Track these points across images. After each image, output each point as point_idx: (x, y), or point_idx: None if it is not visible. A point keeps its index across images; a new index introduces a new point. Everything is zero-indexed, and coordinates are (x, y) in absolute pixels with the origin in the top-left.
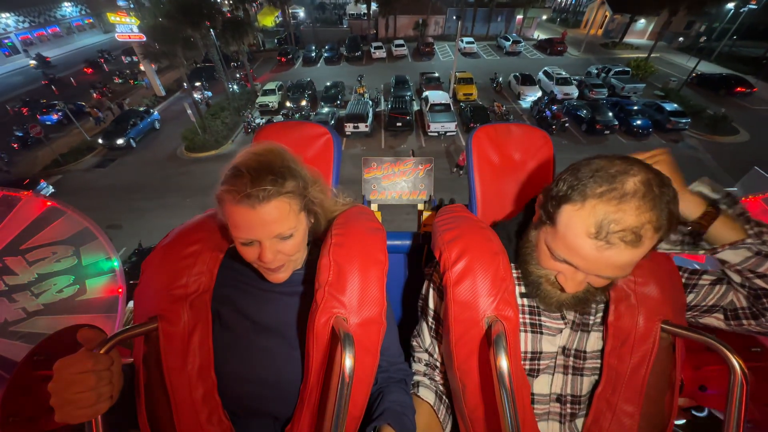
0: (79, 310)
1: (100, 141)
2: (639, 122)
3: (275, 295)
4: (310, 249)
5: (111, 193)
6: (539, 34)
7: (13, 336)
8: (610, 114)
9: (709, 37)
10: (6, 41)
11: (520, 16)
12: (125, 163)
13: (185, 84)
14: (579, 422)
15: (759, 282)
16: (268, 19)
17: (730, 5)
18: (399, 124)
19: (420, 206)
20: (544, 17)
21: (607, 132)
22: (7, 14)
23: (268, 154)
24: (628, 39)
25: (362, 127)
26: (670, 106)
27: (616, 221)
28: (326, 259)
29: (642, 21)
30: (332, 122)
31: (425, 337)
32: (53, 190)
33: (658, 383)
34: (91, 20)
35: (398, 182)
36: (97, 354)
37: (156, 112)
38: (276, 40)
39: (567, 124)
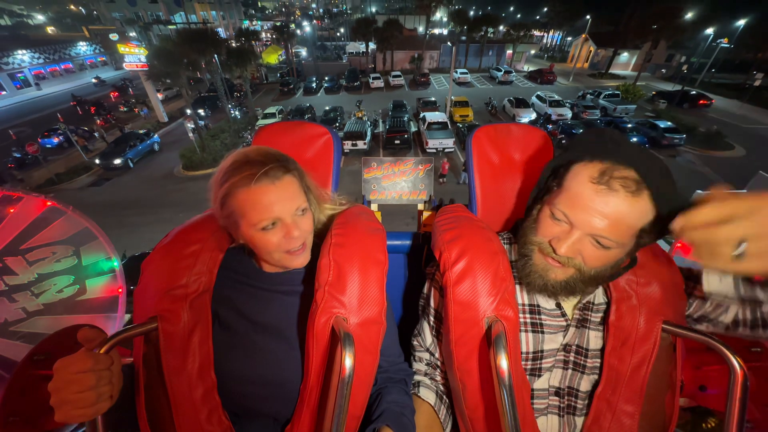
0: (79, 310)
1: (97, 161)
2: (635, 139)
3: (275, 295)
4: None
5: (103, 209)
6: (528, 67)
7: (13, 336)
8: None
9: (690, 69)
10: (18, 75)
11: (510, 51)
12: (120, 182)
13: (188, 111)
14: (579, 421)
15: None
16: (272, 57)
17: (709, 31)
18: (397, 141)
19: (420, 206)
20: (533, 52)
21: None
22: (24, 51)
23: (261, 148)
24: (614, 70)
25: (360, 145)
26: (663, 123)
27: (619, 170)
28: (326, 259)
29: (625, 54)
30: None
31: (426, 337)
32: None
33: (659, 383)
34: (104, 58)
35: (398, 182)
36: (97, 354)
37: (156, 135)
38: (278, 74)
39: (564, 142)
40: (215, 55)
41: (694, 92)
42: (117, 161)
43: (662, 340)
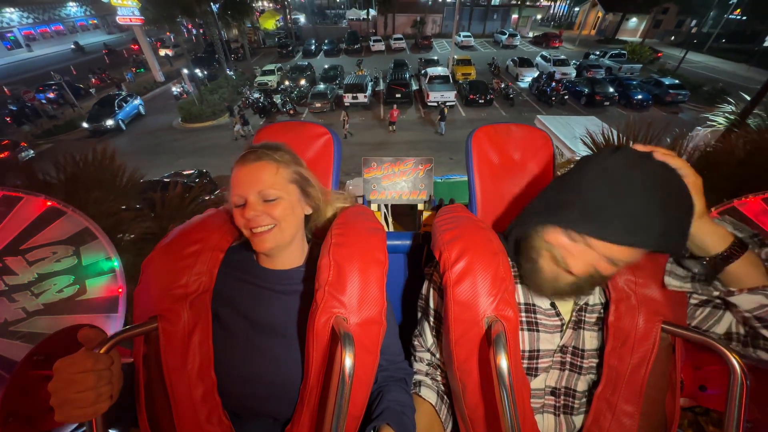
0: (79, 310)
1: (84, 125)
2: (639, 96)
3: (275, 294)
4: (311, 248)
5: None
6: (533, 33)
7: (13, 336)
8: (610, 88)
9: (699, 35)
10: (8, 35)
11: (515, 15)
12: (118, 136)
13: (184, 70)
14: (577, 419)
15: (764, 332)
16: (270, 23)
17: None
18: (398, 95)
19: (420, 206)
20: (539, 16)
21: (606, 103)
22: (12, 9)
23: (268, 141)
24: (621, 37)
25: (361, 98)
26: (668, 80)
27: None
28: (326, 258)
29: (634, 19)
30: (330, 97)
31: (427, 337)
32: (33, 154)
33: (658, 383)
34: (95, 21)
35: (398, 182)
36: (97, 354)
37: (139, 98)
38: (276, 39)
39: (566, 98)
40: (211, 3)
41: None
42: (109, 123)
43: (662, 341)
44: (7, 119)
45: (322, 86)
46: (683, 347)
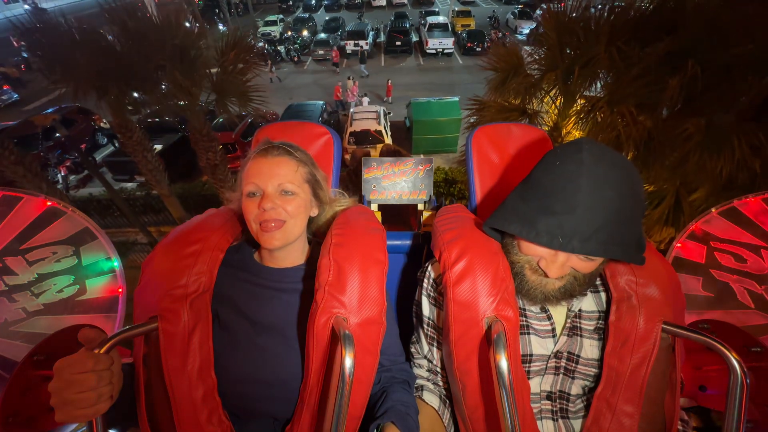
0: (79, 310)
1: None
2: None
3: (275, 293)
4: (311, 247)
5: None
6: None
7: (13, 336)
8: None
9: None
10: None
11: None
12: None
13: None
14: (575, 423)
15: None
16: None
17: None
18: (398, 43)
19: (420, 206)
20: None
21: None
22: None
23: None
24: None
25: (363, 45)
26: None
27: None
28: (326, 259)
29: None
30: (333, 44)
31: (423, 345)
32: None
33: (658, 384)
34: None
35: (398, 182)
36: (98, 354)
37: None
38: None
39: None
40: None
41: None
42: None
43: (662, 341)
44: (22, 67)
45: (324, 35)
46: (683, 347)
